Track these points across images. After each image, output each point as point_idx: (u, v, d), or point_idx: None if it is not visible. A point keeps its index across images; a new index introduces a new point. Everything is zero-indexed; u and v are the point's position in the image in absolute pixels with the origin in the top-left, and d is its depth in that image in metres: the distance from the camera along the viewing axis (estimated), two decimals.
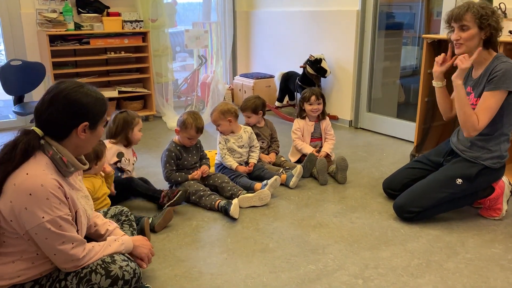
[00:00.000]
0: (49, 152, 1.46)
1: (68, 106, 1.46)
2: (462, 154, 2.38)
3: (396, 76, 4.52)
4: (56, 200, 1.41)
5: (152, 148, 3.77)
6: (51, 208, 1.41)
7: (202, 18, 5.20)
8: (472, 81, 2.37)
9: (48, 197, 1.40)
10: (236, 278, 1.95)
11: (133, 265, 1.64)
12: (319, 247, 2.20)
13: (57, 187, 1.42)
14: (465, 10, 2.19)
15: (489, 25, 2.16)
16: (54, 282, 1.53)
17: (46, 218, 1.40)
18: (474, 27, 2.19)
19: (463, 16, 2.19)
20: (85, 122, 1.48)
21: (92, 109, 1.50)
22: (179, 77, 5.50)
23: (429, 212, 2.40)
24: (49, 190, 1.40)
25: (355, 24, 4.09)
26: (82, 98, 1.48)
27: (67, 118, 1.46)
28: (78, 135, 1.49)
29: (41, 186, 1.39)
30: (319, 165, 2.97)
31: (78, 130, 1.48)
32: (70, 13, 4.15)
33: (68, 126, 1.48)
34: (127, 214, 1.96)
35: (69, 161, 1.49)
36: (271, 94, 5.09)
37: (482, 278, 1.94)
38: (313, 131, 3.28)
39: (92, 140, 1.56)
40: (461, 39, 2.23)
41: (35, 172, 1.41)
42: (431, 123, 3.30)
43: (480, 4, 2.19)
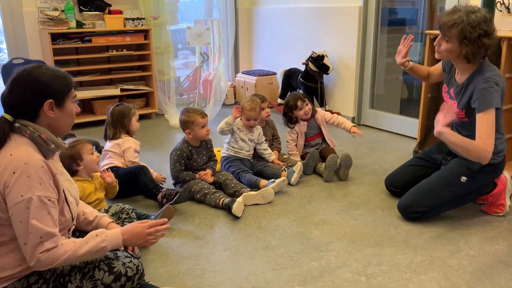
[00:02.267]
0: (27, 132, 1.45)
1: (28, 86, 1.46)
2: (460, 156, 2.37)
3: (399, 73, 4.50)
4: (37, 179, 1.39)
5: (155, 146, 3.77)
6: (31, 187, 1.38)
7: (204, 15, 5.19)
8: (456, 86, 2.31)
9: (29, 175, 1.38)
10: (239, 275, 1.95)
11: (136, 262, 1.64)
12: (321, 244, 2.19)
13: (41, 166, 1.41)
14: (452, 24, 2.06)
15: (470, 48, 2.06)
16: (59, 277, 1.54)
17: (25, 196, 1.37)
18: (454, 43, 2.10)
19: (448, 29, 2.08)
20: (48, 100, 1.47)
21: (53, 85, 1.49)
22: (181, 75, 5.50)
23: (433, 211, 2.40)
24: (32, 168, 1.39)
25: (358, 20, 4.08)
26: (40, 77, 1.48)
27: (30, 98, 1.46)
28: (46, 113, 1.48)
29: (24, 164, 1.38)
30: (328, 162, 2.94)
31: (44, 108, 1.47)
32: (72, 11, 4.15)
33: (34, 106, 1.47)
34: (128, 212, 1.97)
35: (48, 137, 1.48)
36: (273, 91, 5.08)
37: (486, 275, 1.93)
38: (306, 130, 3.24)
39: (65, 118, 1.53)
40: (440, 48, 2.18)
41: (18, 152, 1.41)
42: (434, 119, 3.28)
43: (471, 22, 2.02)
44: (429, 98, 3.22)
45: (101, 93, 4.40)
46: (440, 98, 3.21)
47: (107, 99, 4.46)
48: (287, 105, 3.22)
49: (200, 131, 2.71)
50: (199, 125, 2.70)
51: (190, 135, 2.73)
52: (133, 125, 2.82)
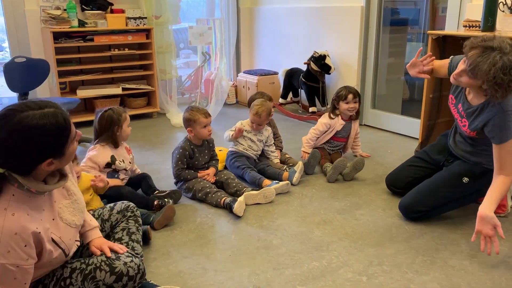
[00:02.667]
0: (15, 185, 1.35)
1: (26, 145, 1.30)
2: (463, 160, 2.37)
3: (401, 73, 4.50)
4: (6, 247, 1.29)
5: (156, 145, 3.77)
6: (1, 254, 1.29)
7: (206, 15, 5.19)
8: (467, 105, 2.22)
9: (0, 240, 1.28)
10: (240, 274, 1.95)
11: (137, 261, 1.64)
12: (323, 244, 2.19)
13: (14, 233, 1.29)
14: (486, 67, 1.85)
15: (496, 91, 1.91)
16: (59, 281, 1.53)
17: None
18: (480, 83, 1.96)
19: (477, 70, 1.90)
20: (48, 160, 1.36)
21: (54, 143, 1.35)
22: (183, 74, 5.50)
23: (434, 211, 2.39)
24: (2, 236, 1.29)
25: (360, 20, 4.07)
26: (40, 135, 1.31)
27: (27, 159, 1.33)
28: (44, 169, 1.37)
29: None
30: (337, 163, 2.94)
31: (43, 166, 1.36)
32: (74, 10, 4.16)
33: (30, 165, 1.35)
34: (133, 209, 1.96)
35: (38, 190, 1.37)
36: (275, 91, 5.07)
37: (487, 275, 1.93)
38: (340, 129, 3.20)
39: (65, 162, 1.44)
40: (460, 78, 2.04)
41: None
42: (436, 119, 3.29)
43: (505, 67, 1.83)
44: (431, 98, 3.22)
45: (103, 92, 4.40)
46: (442, 98, 3.22)
47: (109, 98, 4.47)
48: (337, 94, 3.16)
49: (201, 131, 2.71)
50: (201, 125, 2.70)
51: (192, 133, 2.73)
52: (124, 131, 2.56)
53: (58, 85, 4.17)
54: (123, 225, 1.88)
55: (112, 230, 1.88)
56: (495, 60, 1.85)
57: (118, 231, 1.86)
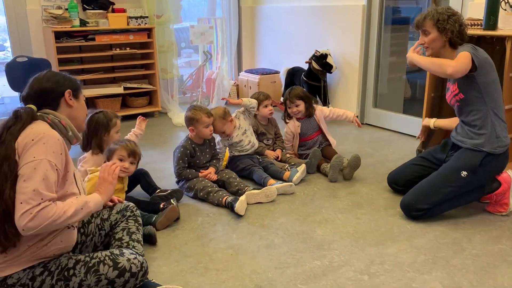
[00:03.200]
0: (48, 118, 1.57)
1: (50, 79, 1.64)
2: (463, 145, 2.39)
3: (402, 72, 4.49)
4: (52, 147, 1.48)
5: (157, 144, 3.78)
6: (46, 152, 1.46)
7: (207, 14, 5.19)
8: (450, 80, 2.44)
9: (45, 142, 1.48)
10: (242, 273, 1.95)
11: (141, 259, 1.66)
12: (324, 243, 2.19)
13: (57, 139, 1.52)
14: (423, 17, 2.37)
15: (446, 28, 2.30)
16: (63, 270, 1.56)
17: (37, 158, 1.44)
18: (434, 31, 2.34)
19: (422, 22, 2.37)
20: (68, 89, 1.65)
21: (70, 79, 1.70)
22: (185, 73, 5.50)
23: (436, 209, 2.39)
24: (50, 138, 1.49)
25: (361, 19, 4.07)
26: (58, 73, 1.70)
27: (52, 88, 1.63)
28: (67, 102, 1.65)
29: (43, 134, 1.49)
30: (334, 161, 2.94)
31: (65, 97, 1.65)
32: (76, 9, 4.16)
33: (56, 95, 1.63)
34: (133, 209, 1.97)
35: (67, 124, 1.61)
36: (276, 89, 5.08)
37: (489, 274, 1.93)
38: (301, 132, 3.22)
39: (81, 110, 1.73)
40: (425, 43, 2.40)
41: (39, 126, 1.52)
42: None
43: (438, 10, 2.34)
44: (433, 97, 3.21)
45: (105, 91, 4.40)
46: (443, 96, 3.20)
47: (111, 98, 4.47)
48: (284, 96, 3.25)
49: (203, 130, 2.71)
50: (203, 124, 2.70)
51: (193, 132, 2.73)
52: (112, 137, 2.44)
53: None
54: (123, 225, 1.88)
55: (112, 230, 1.88)
56: (429, 10, 2.38)
57: (118, 231, 1.86)
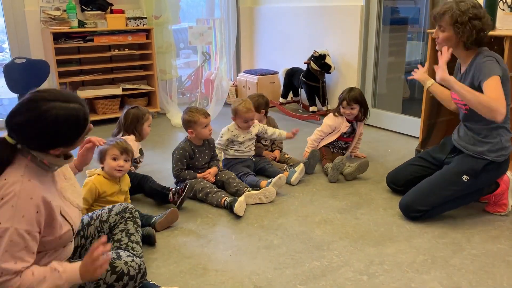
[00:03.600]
0: (28, 157, 1.41)
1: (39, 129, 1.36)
2: (466, 151, 2.36)
3: (401, 72, 4.49)
4: (21, 211, 1.33)
5: (156, 145, 3.77)
6: (13, 217, 1.32)
7: (205, 15, 5.19)
8: (460, 75, 2.38)
9: (14, 205, 1.33)
10: (241, 274, 1.95)
11: (138, 261, 1.65)
12: (323, 244, 2.19)
13: (30, 198, 1.35)
14: (443, 11, 2.20)
15: (463, 32, 2.16)
16: None
17: (2, 225, 1.31)
18: (449, 31, 2.21)
19: (441, 17, 2.22)
20: (59, 148, 1.42)
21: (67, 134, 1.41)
22: (183, 74, 5.50)
23: (435, 210, 2.39)
24: (19, 200, 1.33)
25: (360, 19, 4.07)
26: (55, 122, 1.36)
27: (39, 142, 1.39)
28: (51, 153, 1.43)
29: (13, 193, 1.33)
30: (336, 162, 2.93)
31: (52, 151, 1.43)
32: (74, 10, 4.16)
33: (45, 148, 1.41)
34: (131, 211, 1.96)
35: (50, 162, 1.44)
36: (275, 90, 5.08)
37: (488, 274, 1.93)
38: (345, 131, 3.20)
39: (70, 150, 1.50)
40: (438, 39, 2.28)
41: (12, 178, 1.36)
42: (436, 118, 3.28)
43: (461, 8, 2.15)
44: (431, 97, 3.21)
45: (103, 92, 4.40)
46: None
47: (109, 99, 4.47)
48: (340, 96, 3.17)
49: (202, 131, 2.71)
50: (202, 125, 2.70)
51: (193, 134, 2.73)
52: (144, 130, 2.79)
53: (59, 85, 4.16)
54: (121, 226, 1.88)
55: (110, 232, 1.87)
56: (451, 5, 2.18)
57: (117, 232, 1.85)
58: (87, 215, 1.90)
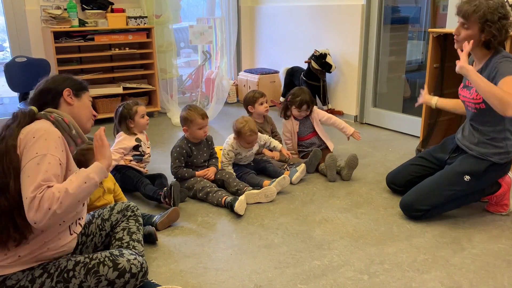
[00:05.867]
0: (51, 116, 1.59)
1: (50, 79, 1.71)
2: (469, 151, 2.35)
3: (402, 71, 4.49)
4: (53, 144, 1.49)
5: (157, 145, 3.77)
6: (48, 147, 1.47)
7: (206, 14, 5.19)
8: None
9: (47, 139, 1.48)
10: (241, 273, 1.95)
11: (141, 259, 1.65)
12: (324, 243, 2.19)
13: (58, 136, 1.53)
14: (472, 10, 2.13)
15: (491, 31, 2.13)
16: (63, 272, 1.55)
17: (39, 153, 1.45)
18: (474, 29, 2.16)
19: (468, 15, 2.15)
20: (67, 88, 1.67)
21: (71, 79, 1.73)
22: (184, 73, 5.50)
23: (436, 210, 2.38)
24: (51, 135, 1.50)
25: (360, 18, 4.06)
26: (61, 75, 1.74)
27: (51, 87, 1.67)
28: (66, 100, 1.67)
29: (44, 131, 1.50)
30: (328, 161, 2.93)
31: (64, 96, 1.66)
32: (75, 9, 4.16)
33: (55, 94, 1.66)
34: (133, 209, 1.97)
35: (70, 122, 1.62)
36: (275, 89, 5.08)
37: (489, 274, 1.93)
38: (298, 130, 3.22)
39: (83, 109, 1.72)
40: (459, 37, 2.23)
41: (41, 124, 1.54)
42: (437, 118, 3.28)
43: (490, 5, 2.11)
44: None
45: (104, 91, 4.40)
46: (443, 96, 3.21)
47: (110, 98, 4.47)
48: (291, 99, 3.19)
49: (196, 131, 2.71)
50: (197, 126, 2.70)
51: (187, 132, 2.73)
52: (138, 123, 2.79)
53: None
54: (123, 224, 1.88)
55: (112, 230, 1.88)
56: (482, 3, 2.13)
57: (119, 230, 1.86)
58: (89, 213, 1.91)
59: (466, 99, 2.35)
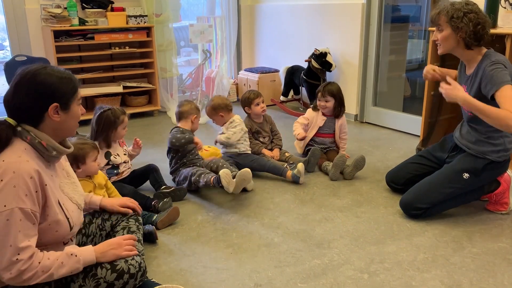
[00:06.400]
0: (27, 138, 1.42)
1: (32, 89, 1.41)
2: (467, 150, 2.36)
3: (402, 70, 4.49)
4: (23, 190, 1.35)
5: (157, 144, 3.77)
6: (17, 198, 1.34)
7: (206, 13, 5.18)
8: (466, 78, 2.34)
9: (16, 185, 1.34)
10: (241, 272, 1.95)
11: (139, 259, 1.64)
12: (324, 242, 2.19)
13: (30, 177, 1.37)
14: (438, 12, 2.23)
15: (460, 27, 2.15)
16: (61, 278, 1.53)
17: (8, 207, 1.33)
18: (447, 29, 2.21)
19: (436, 17, 2.24)
20: (54, 104, 1.43)
21: (59, 88, 1.44)
22: (184, 72, 5.50)
23: (435, 209, 2.39)
24: (20, 180, 1.35)
25: (361, 17, 4.06)
26: (46, 79, 1.43)
27: (35, 102, 1.42)
28: (51, 118, 1.44)
29: (13, 173, 1.35)
30: (337, 160, 2.93)
31: (49, 112, 1.43)
32: (75, 8, 4.16)
33: (38, 110, 1.43)
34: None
35: (48, 144, 1.45)
36: (276, 88, 5.07)
37: (489, 273, 1.93)
38: (322, 125, 3.22)
39: (70, 121, 1.50)
40: (438, 40, 2.28)
41: (9, 159, 1.38)
42: (437, 117, 3.28)
43: (455, 5, 2.19)
44: (432, 96, 3.21)
45: (104, 90, 4.40)
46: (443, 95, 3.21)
47: (110, 97, 4.47)
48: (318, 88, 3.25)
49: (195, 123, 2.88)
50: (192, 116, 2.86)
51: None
52: (119, 134, 2.55)
53: None
54: (123, 224, 1.88)
55: (112, 229, 1.88)
56: (445, 5, 2.23)
57: (119, 230, 1.86)
58: (89, 214, 1.90)
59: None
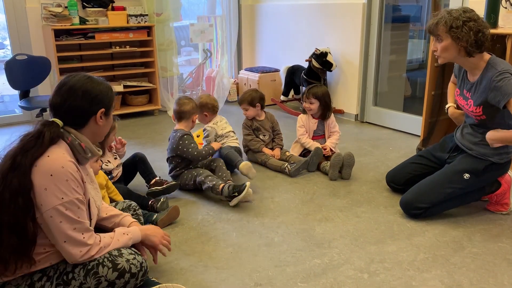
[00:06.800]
0: (68, 139, 1.51)
1: (86, 95, 1.53)
2: (469, 151, 2.36)
3: (403, 70, 4.49)
4: (75, 183, 1.47)
5: (157, 143, 3.77)
6: (70, 190, 1.45)
7: (207, 12, 5.18)
8: (469, 85, 2.30)
9: (67, 179, 1.45)
10: (242, 272, 1.95)
11: (140, 259, 1.65)
12: (324, 241, 2.19)
13: (76, 170, 1.48)
14: (436, 22, 2.17)
15: (461, 37, 2.11)
16: (62, 275, 1.54)
17: (65, 199, 1.44)
18: (447, 39, 2.16)
19: (434, 28, 2.19)
20: (102, 109, 1.56)
21: (106, 95, 1.58)
22: (184, 72, 5.50)
23: (436, 209, 2.39)
24: (69, 172, 1.45)
25: (361, 17, 4.06)
26: (96, 87, 1.56)
27: (89, 106, 1.54)
28: (96, 122, 1.57)
29: (62, 168, 1.44)
30: (333, 160, 2.94)
31: (97, 117, 1.56)
32: (75, 7, 4.16)
33: (87, 114, 1.55)
34: (135, 208, 1.97)
35: (87, 146, 1.55)
36: (276, 88, 5.07)
37: (489, 273, 1.93)
38: (316, 128, 3.23)
39: (106, 127, 1.64)
40: (437, 51, 2.23)
41: (56, 155, 1.46)
42: (438, 117, 3.28)
43: (452, 13, 2.14)
44: (433, 96, 3.21)
45: None
46: (443, 95, 3.21)
47: None
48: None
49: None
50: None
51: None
52: (110, 140, 2.53)
53: None
54: None
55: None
56: (443, 14, 2.18)
57: None
58: None
59: (464, 108, 2.36)
